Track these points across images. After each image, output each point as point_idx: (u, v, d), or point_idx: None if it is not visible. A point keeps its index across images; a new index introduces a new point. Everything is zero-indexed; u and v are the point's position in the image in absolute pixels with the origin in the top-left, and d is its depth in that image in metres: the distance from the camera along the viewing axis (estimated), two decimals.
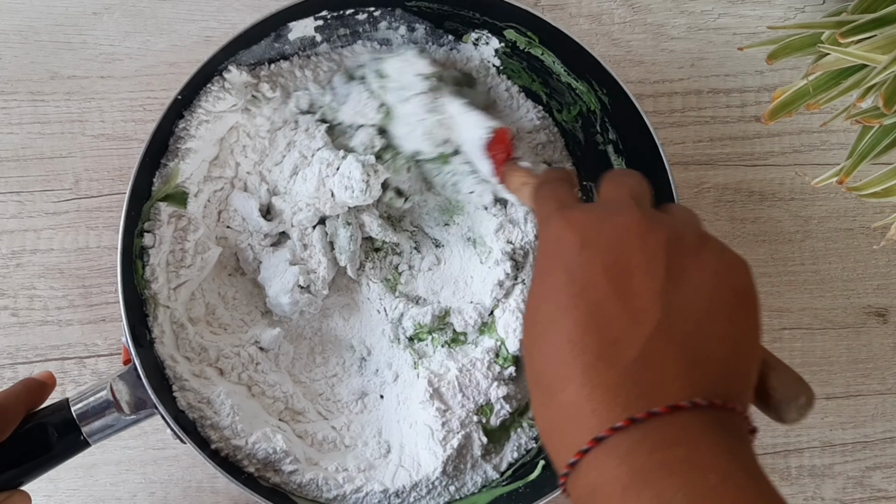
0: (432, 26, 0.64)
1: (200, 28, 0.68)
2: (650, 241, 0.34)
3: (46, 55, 0.67)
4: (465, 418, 0.60)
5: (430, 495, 0.60)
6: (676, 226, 0.36)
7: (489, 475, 0.61)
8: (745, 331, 0.34)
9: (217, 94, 0.58)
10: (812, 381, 0.69)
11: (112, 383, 0.54)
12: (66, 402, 0.53)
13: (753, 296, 0.35)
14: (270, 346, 0.61)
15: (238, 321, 0.62)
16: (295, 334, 0.64)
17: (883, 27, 0.51)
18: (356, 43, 0.64)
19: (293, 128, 0.61)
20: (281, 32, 0.60)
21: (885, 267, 0.71)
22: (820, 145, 0.71)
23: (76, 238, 0.66)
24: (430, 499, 0.60)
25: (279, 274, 0.60)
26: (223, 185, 0.62)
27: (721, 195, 0.70)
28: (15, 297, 0.66)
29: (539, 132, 0.66)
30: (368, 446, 0.61)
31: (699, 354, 0.32)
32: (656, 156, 0.58)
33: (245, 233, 0.62)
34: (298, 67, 0.62)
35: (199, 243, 0.60)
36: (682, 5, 0.71)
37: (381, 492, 0.59)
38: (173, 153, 0.58)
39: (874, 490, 0.70)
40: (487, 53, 0.65)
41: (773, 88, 0.66)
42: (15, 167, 0.66)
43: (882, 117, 0.53)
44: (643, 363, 0.31)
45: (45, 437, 0.52)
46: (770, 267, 0.70)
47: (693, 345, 0.32)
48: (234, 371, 0.60)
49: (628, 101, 0.59)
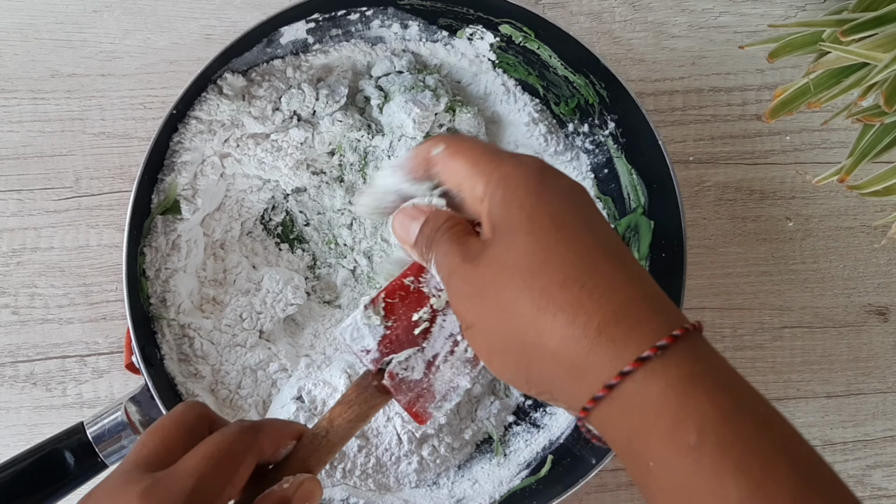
0: (426, 23, 0.64)
1: (201, 26, 0.68)
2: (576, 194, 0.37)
3: (47, 53, 0.67)
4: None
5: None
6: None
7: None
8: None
9: (213, 102, 0.58)
10: (813, 380, 0.70)
11: (126, 405, 0.54)
12: (80, 425, 0.54)
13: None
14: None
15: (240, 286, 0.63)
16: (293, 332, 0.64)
17: (884, 25, 0.51)
18: (349, 41, 0.64)
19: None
20: (273, 38, 0.60)
21: (885, 265, 0.71)
22: (821, 144, 0.71)
23: (76, 236, 0.66)
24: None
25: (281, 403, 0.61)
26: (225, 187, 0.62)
27: (722, 194, 0.70)
28: (16, 296, 0.66)
29: (538, 125, 0.66)
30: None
31: (645, 280, 0.34)
32: (658, 155, 0.59)
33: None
34: (291, 67, 0.62)
35: (190, 240, 0.60)
36: (683, 4, 0.71)
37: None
38: (169, 167, 0.59)
39: (875, 489, 0.70)
40: (482, 48, 0.65)
41: (774, 87, 0.66)
42: (15, 165, 0.66)
43: (883, 116, 0.53)
44: (638, 300, 0.33)
45: (62, 461, 0.52)
46: (771, 265, 0.70)
47: (642, 276, 0.34)
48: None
49: (629, 99, 0.59)
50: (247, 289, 0.63)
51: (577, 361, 0.32)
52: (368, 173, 0.65)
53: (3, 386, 0.65)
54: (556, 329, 0.33)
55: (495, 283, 0.34)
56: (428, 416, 0.40)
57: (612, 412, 0.32)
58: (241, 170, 0.62)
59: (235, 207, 0.64)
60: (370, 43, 0.64)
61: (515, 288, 0.34)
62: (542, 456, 0.63)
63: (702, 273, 0.70)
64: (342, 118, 0.62)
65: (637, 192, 0.63)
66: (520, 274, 0.34)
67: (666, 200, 0.59)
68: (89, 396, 0.66)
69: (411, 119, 0.60)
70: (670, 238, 0.59)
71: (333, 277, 0.66)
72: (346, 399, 0.40)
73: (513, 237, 0.34)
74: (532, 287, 0.33)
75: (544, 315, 0.33)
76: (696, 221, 0.70)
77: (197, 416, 0.37)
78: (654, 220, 0.62)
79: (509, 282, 0.34)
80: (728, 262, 0.70)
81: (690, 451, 0.30)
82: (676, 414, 0.31)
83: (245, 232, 0.65)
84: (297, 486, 0.36)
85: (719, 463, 0.30)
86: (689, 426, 0.30)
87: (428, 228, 0.38)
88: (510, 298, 0.34)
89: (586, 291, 0.33)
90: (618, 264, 0.34)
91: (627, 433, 0.32)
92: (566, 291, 0.33)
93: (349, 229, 0.66)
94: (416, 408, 0.40)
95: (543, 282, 0.33)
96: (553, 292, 0.33)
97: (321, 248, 0.66)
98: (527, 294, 0.33)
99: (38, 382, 0.65)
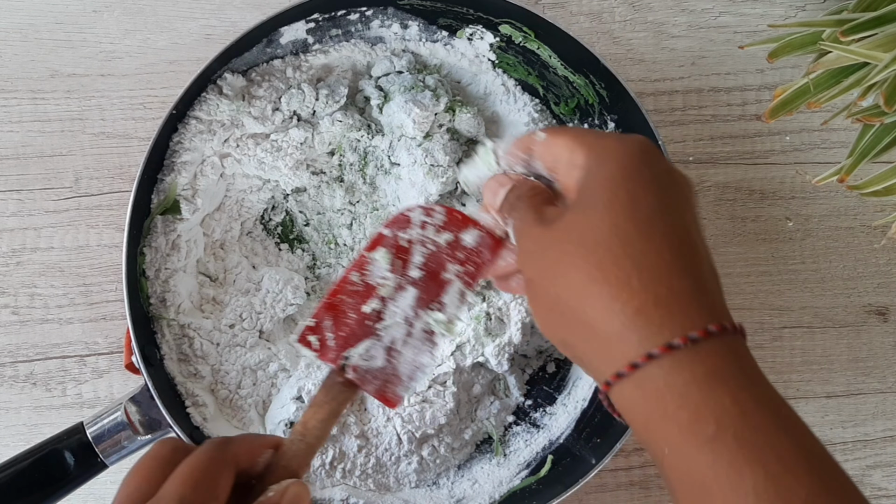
0: (426, 23, 0.64)
1: (201, 26, 0.68)
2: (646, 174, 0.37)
3: (46, 53, 0.67)
4: None
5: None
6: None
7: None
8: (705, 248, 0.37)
9: (213, 102, 0.58)
10: (812, 380, 0.70)
11: (125, 405, 0.54)
12: (80, 425, 0.54)
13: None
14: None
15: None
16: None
17: (884, 25, 0.51)
18: (348, 41, 0.64)
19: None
20: (273, 38, 0.60)
21: (885, 265, 0.71)
22: (821, 144, 0.71)
23: (76, 236, 0.66)
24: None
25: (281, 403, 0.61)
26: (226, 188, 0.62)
27: (722, 194, 0.70)
28: (15, 296, 0.66)
29: (538, 125, 0.66)
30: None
31: (701, 275, 0.35)
32: None
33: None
34: (291, 67, 0.62)
35: (190, 240, 0.60)
36: (683, 4, 0.71)
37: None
38: (169, 168, 0.59)
39: (875, 489, 0.70)
40: (482, 48, 0.65)
41: (774, 87, 0.65)
42: (15, 165, 0.66)
43: (883, 115, 0.53)
44: (678, 291, 0.34)
45: (61, 461, 0.52)
46: (770, 265, 0.70)
47: (701, 272, 0.35)
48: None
49: (629, 99, 0.59)
50: (247, 289, 0.63)
51: (610, 335, 0.34)
52: (367, 173, 0.65)
53: (3, 386, 0.65)
54: (600, 301, 0.34)
55: (559, 247, 0.36)
56: (399, 399, 0.41)
57: (634, 392, 0.34)
58: (240, 170, 0.62)
59: (235, 207, 0.64)
60: (370, 43, 0.64)
61: (575, 254, 0.35)
62: (542, 456, 0.63)
63: None
64: (342, 118, 0.62)
65: None
66: (583, 243, 0.35)
67: None
68: (89, 396, 0.66)
69: (411, 119, 0.60)
70: None
71: (333, 277, 0.66)
72: (315, 401, 0.41)
73: (592, 208, 0.36)
74: (589, 257, 0.35)
75: (592, 285, 0.34)
76: None
77: (172, 448, 0.38)
78: None
79: (572, 248, 0.36)
80: (728, 262, 0.70)
81: (707, 442, 0.31)
82: (697, 406, 0.32)
83: (245, 232, 0.65)
84: (283, 493, 0.37)
85: (736, 454, 0.31)
86: (709, 418, 0.31)
87: (512, 195, 0.41)
88: (567, 262, 0.35)
89: (636, 272, 0.34)
90: (679, 254, 0.35)
91: (645, 416, 0.33)
92: (618, 268, 0.34)
93: (349, 229, 0.66)
94: (386, 394, 0.41)
95: (601, 254, 0.35)
96: (607, 266, 0.34)
97: (321, 248, 0.66)
98: (582, 262, 0.35)
99: (37, 382, 0.65)
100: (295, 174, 0.62)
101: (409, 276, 0.42)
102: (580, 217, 0.36)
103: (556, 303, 0.36)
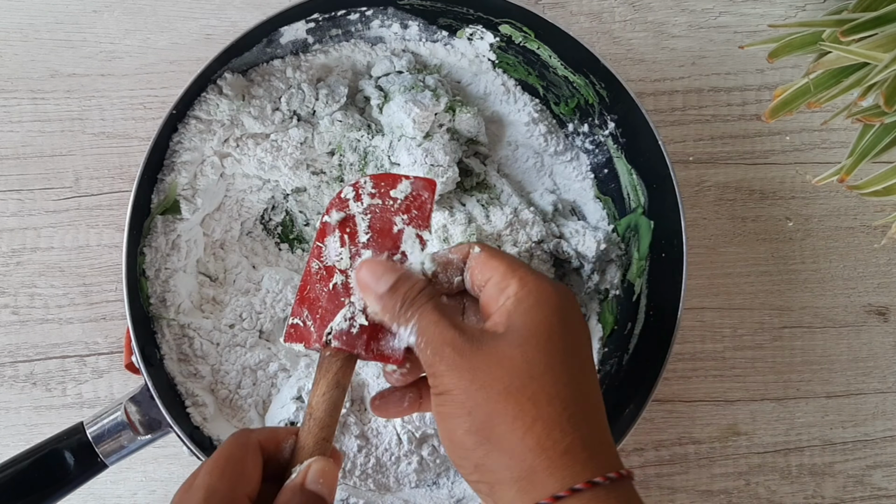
0: (426, 23, 0.64)
1: (201, 26, 0.68)
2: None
3: (46, 53, 0.67)
4: None
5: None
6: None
7: None
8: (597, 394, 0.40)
9: (213, 102, 0.58)
10: (812, 380, 0.70)
11: (125, 405, 0.54)
12: (80, 425, 0.54)
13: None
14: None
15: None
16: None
17: (884, 25, 0.51)
18: (348, 41, 0.64)
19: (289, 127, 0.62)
20: (273, 38, 0.60)
21: (885, 265, 0.71)
22: (821, 144, 0.71)
23: (76, 236, 0.66)
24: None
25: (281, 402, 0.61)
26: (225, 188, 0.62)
27: (722, 193, 0.70)
28: (15, 296, 0.66)
29: (538, 124, 0.66)
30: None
31: (607, 423, 0.40)
32: (658, 155, 0.58)
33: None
34: (291, 67, 0.62)
35: (190, 240, 0.60)
36: (683, 4, 0.71)
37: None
38: (169, 167, 0.58)
39: (874, 488, 0.70)
40: (482, 48, 0.65)
41: (774, 87, 0.66)
42: (15, 165, 0.66)
43: (883, 115, 0.53)
44: (589, 435, 0.37)
45: (61, 461, 0.52)
46: (771, 265, 0.70)
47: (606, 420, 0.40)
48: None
49: (629, 99, 0.59)
50: (247, 289, 0.63)
51: (536, 469, 0.36)
52: (367, 173, 0.65)
53: (3, 386, 0.65)
54: (531, 436, 0.36)
55: (489, 371, 0.38)
56: (397, 353, 0.43)
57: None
58: (240, 170, 0.62)
59: (235, 207, 0.64)
60: (370, 43, 0.64)
61: (510, 385, 0.37)
62: None
63: (702, 273, 0.70)
64: (342, 118, 0.62)
65: (637, 192, 0.63)
66: (518, 375, 0.37)
67: (666, 200, 0.59)
68: (89, 396, 0.66)
69: (411, 119, 0.60)
70: (670, 238, 0.59)
71: None
72: (314, 383, 0.43)
73: (527, 342, 0.38)
74: (524, 390, 0.37)
75: (524, 418, 0.37)
76: (696, 221, 0.70)
77: (241, 444, 0.40)
78: (654, 220, 0.62)
79: (506, 377, 0.37)
80: (728, 262, 0.70)
81: None
82: None
83: (245, 232, 0.65)
84: (305, 472, 0.39)
85: None
86: None
87: (405, 288, 0.41)
88: (500, 389, 0.37)
89: (566, 414, 0.37)
90: (598, 400, 0.39)
91: None
92: (551, 407, 0.37)
93: None
94: (383, 351, 0.43)
95: (535, 389, 0.37)
96: (541, 403, 0.37)
97: None
98: (517, 393, 0.37)
99: (37, 382, 0.65)
100: (295, 174, 0.62)
101: (360, 241, 0.45)
102: (515, 350, 0.38)
103: (479, 425, 0.37)
